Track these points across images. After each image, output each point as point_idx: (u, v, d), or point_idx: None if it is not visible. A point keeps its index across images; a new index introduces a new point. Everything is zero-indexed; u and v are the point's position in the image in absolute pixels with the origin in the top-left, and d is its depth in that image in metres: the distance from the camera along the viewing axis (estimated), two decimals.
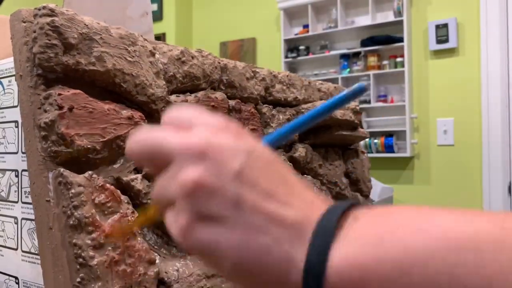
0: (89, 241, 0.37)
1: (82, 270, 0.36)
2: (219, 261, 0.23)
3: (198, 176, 0.23)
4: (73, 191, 0.37)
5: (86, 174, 0.38)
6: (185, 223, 0.23)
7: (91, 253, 0.36)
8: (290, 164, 0.70)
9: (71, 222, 0.37)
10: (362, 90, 0.31)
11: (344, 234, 0.22)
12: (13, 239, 0.48)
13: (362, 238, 0.22)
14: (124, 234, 0.41)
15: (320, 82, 0.85)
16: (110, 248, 0.38)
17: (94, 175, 0.39)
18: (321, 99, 0.82)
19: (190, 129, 0.25)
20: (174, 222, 0.24)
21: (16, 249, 0.48)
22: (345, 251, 0.21)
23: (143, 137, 0.26)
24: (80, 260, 0.36)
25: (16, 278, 0.48)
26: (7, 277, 0.49)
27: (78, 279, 0.36)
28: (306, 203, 0.24)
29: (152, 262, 0.41)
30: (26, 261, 0.47)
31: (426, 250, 0.20)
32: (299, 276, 0.22)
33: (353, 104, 0.87)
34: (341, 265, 0.21)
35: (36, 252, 0.45)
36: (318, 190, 0.75)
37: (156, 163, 0.25)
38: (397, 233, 0.21)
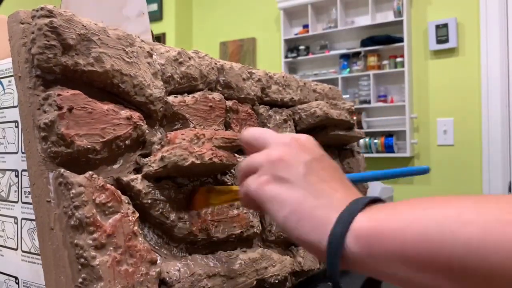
0: (90, 241, 0.37)
1: (84, 271, 0.36)
2: (279, 207, 0.32)
3: (282, 153, 0.34)
4: (73, 191, 0.37)
5: (87, 174, 0.39)
6: (264, 180, 0.33)
7: (93, 253, 0.36)
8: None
9: (72, 223, 0.37)
10: (426, 171, 0.47)
11: (366, 211, 0.30)
12: (13, 239, 0.48)
13: (379, 210, 0.29)
14: (206, 207, 0.49)
15: (315, 83, 0.86)
16: (111, 248, 0.38)
17: (95, 175, 0.39)
18: (316, 100, 0.82)
19: (283, 134, 0.37)
20: (255, 179, 0.34)
21: (16, 249, 0.48)
22: (365, 216, 0.29)
23: (255, 130, 0.38)
24: (82, 260, 0.36)
25: (16, 278, 0.48)
26: (7, 277, 0.49)
27: (80, 280, 0.36)
28: (349, 192, 0.33)
29: (153, 262, 0.41)
30: (26, 261, 0.47)
31: (425, 215, 0.27)
32: (327, 233, 0.29)
33: (348, 104, 0.88)
34: (361, 224, 0.29)
35: (36, 252, 0.45)
36: None
37: (255, 147, 0.37)
38: (407, 206, 0.29)
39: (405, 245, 0.26)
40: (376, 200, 0.31)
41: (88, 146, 0.39)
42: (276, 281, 0.57)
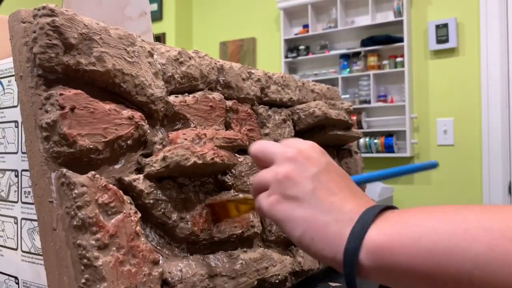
0: (93, 242, 0.36)
1: (87, 271, 0.36)
2: (293, 227, 0.33)
3: (288, 171, 0.34)
4: (76, 191, 0.37)
5: (89, 174, 0.38)
6: (274, 199, 0.34)
7: (96, 253, 0.36)
8: None
9: (75, 223, 0.36)
10: (435, 166, 0.47)
11: (377, 223, 0.30)
12: (13, 239, 0.48)
13: (390, 223, 0.30)
14: (228, 218, 0.51)
15: (313, 83, 0.86)
16: (114, 248, 0.38)
17: (97, 175, 0.39)
18: (314, 100, 0.82)
19: (289, 146, 0.37)
20: (265, 198, 0.35)
21: (16, 249, 0.48)
22: (377, 230, 0.30)
23: (261, 145, 0.39)
24: (85, 260, 0.36)
25: (16, 278, 0.48)
26: (7, 277, 0.49)
27: (83, 280, 0.36)
28: (359, 202, 0.33)
29: (156, 263, 0.41)
30: (26, 261, 0.47)
31: (435, 229, 0.28)
32: (341, 249, 0.30)
33: (346, 104, 0.88)
34: (372, 238, 0.30)
35: (36, 252, 0.45)
36: None
37: (263, 163, 0.38)
38: (416, 219, 0.29)
39: (415, 260, 0.27)
40: (385, 208, 0.32)
41: (91, 146, 0.39)
42: (277, 281, 0.57)
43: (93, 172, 0.39)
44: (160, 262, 0.42)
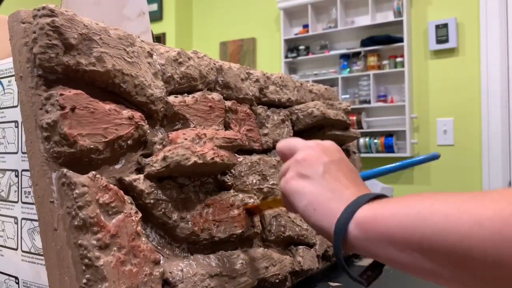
0: (94, 242, 0.36)
1: (88, 271, 0.36)
2: (300, 198, 0.40)
3: (306, 155, 0.42)
4: (77, 191, 0.37)
5: (90, 174, 0.38)
6: (290, 176, 0.41)
7: (97, 253, 0.36)
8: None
9: (76, 223, 0.36)
10: (436, 157, 0.50)
11: (369, 203, 0.36)
12: (13, 239, 0.48)
13: (378, 203, 0.36)
14: (260, 210, 0.57)
15: (312, 83, 0.86)
16: (115, 248, 0.38)
17: (98, 175, 0.39)
18: (312, 100, 0.82)
19: (310, 141, 0.44)
20: (284, 178, 0.42)
21: (16, 249, 0.48)
22: (367, 207, 0.36)
23: (287, 140, 0.46)
24: (86, 261, 0.36)
25: (16, 278, 0.48)
26: (7, 277, 0.49)
27: (84, 280, 0.36)
28: (359, 189, 0.39)
29: (157, 262, 0.41)
30: (26, 261, 0.47)
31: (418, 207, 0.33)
32: (335, 221, 0.36)
33: (344, 104, 0.88)
34: (362, 212, 0.35)
35: (36, 252, 0.45)
36: None
37: (288, 156, 0.44)
38: (399, 200, 0.35)
39: (391, 229, 0.33)
40: (381, 196, 0.37)
41: (91, 146, 0.39)
42: (277, 281, 0.57)
43: (93, 172, 0.39)
44: (161, 262, 0.42)
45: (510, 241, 0.27)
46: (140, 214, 0.42)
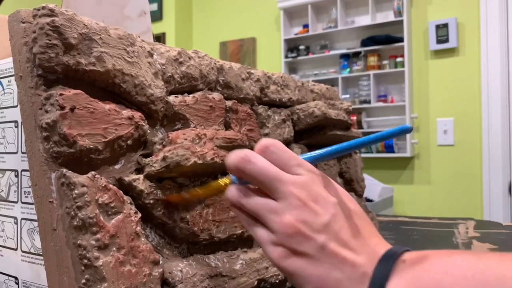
0: (93, 242, 0.36)
1: (87, 271, 0.36)
2: (304, 282, 0.32)
3: (297, 222, 0.32)
4: (76, 191, 0.37)
5: (89, 175, 0.38)
6: (283, 252, 0.32)
7: (96, 253, 0.36)
8: None
9: (75, 223, 0.36)
10: (408, 130, 0.38)
11: (395, 277, 0.29)
12: (13, 239, 0.48)
13: (407, 276, 0.29)
14: (190, 200, 0.46)
15: (313, 83, 0.86)
16: (114, 248, 0.38)
17: (97, 176, 0.39)
18: (314, 100, 0.82)
19: (291, 170, 0.34)
20: (271, 247, 0.33)
21: (15, 249, 0.48)
22: (396, 281, 0.29)
23: (264, 167, 0.34)
24: (85, 261, 0.36)
25: (15, 278, 0.48)
26: (7, 277, 0.49)
27: (84, 280, 0.36)
28: (371, 250, 0.32)
29: (156, 263, 0.41)
30: (25, 261, 0.46)
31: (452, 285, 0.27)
32: None
33: (345, 104, 0.88)
34: None
35: (36, 252, 0.45)
36: None
37: (263, 186, 0.34)
38: (434, 275, 0.28)
39: None
40: (402, 251, 0.31)
41: (91, 146, 0.39)
42: (277, 281, 0.57)
43: (93, 172, 0.39)
44: (160, 262, 0.42)
45: None
46: (139, 214, 0.42)
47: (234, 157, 0.35)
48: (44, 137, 0.38)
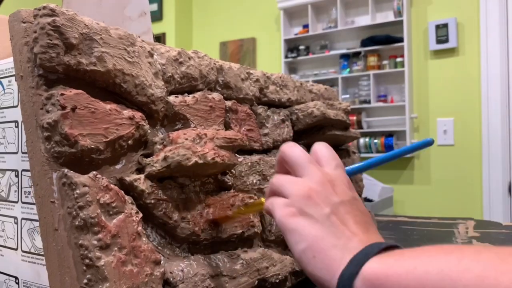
0: (95, 242, 0.36)
1: (89, 271, 0.36)
2: (298, 240, 0.34)
3: (313, 191, 0.36)
4: (78, 191, 0.37)
5: (91, 174, 0.38)
6: (290, 212, 0.36)
7: (98, 253, 0.36)
8: None
9: (77, 223, 0.36)
10: (430, 143, 0.45)
11: (379, 256, 0.31)
12: (13, 239, 0.48)
13: (390, 256, 0.31)
14: (237, 217, 0.52)
15: (311, 83, 0.86)
16: (116, 248, 0.38)
17: (99, 175, 0.39)
18: (312, 100, 0.82)
19: (321, 166, 0.39)
20: (282, 207, 0.36)
21: (16, 249, 0.48)
22: (377, 260, 0.31)
23: (296, 152, 0.39)
24: (87, 261, 0.36)
25: (16, 278, 0.48)
26: (7, 277, 0.49)
27: (85, 280, 0.36)
28: (369, 237, 0.34)
29: (157, 263, 0.41)
30: (26, 261, 0.47)
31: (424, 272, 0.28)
32: (338, 273, 0.32)
33: (344, 104, 0.88)
34: (371, 265, 0.31)
35: (36, 252, 0.45)
36: None
37: (289, 167, 0.39)
38: (414, 252, 0.30)
39: None
40: (392, 246, 0.33)
41: (92, 146, 0.39)
42: (277, 281, 0.57)
43: (94, 172, 0.39)
44: (162, 262, 0.42)
45: None
46: (140, 214, 0.42)
47: (283, 146, 0.41)
48: (45, 137, 0.38)
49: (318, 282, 0.34)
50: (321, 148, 0.41)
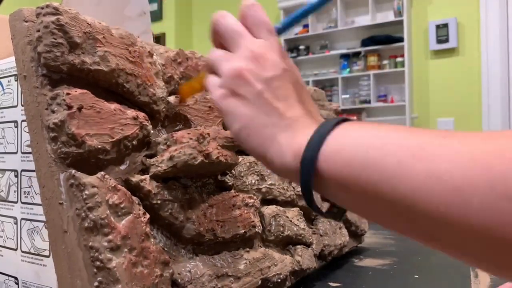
0: (105, 243, 0.36)
1: (100, 273, 0.35)
2: (233, 120, 0.35)
3: (243, 70, 0.35)
4: (86, 192, 0.36)
5: (99, 175, 0.38)
6: (223, 94, 0.36)
7: (109, 255, 0.35)
8: None
9: (86, 225, 0.36)
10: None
11: (337, 132, 0.30)
12: (13, 239, 0.48)
13: (346, 138, 0.30)
14: (190, 94, 0.50)
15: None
16: (126, 250, 0.37)
17: (107, 176, 0.38)
18: None
19: (259, 33, 0.38)
20: (216, 88, 0.37)
21: (15, 250, 0.48)
22: (334, 142, 0.30)
23: (231, 23, 0.40)
24: (98, 263, 0.35)
25: (15, 278, 0.48)
26: (7, 277, 0.49)
27: (96, 283, 0.35)
28: (304, 110, 0.34)
29: (166, 263, 0.41)
30: (25, 261, 0.46)
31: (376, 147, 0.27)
32: (293, 154, 0.32)
33: (334, 105, 0.90)
34: (329, 148, 0.30)
35: (36, 252, 0.45)
36: None
37: (223, 40, 0.39)
38: (367, 137, 0.29)
39: (341, 171, 0.28)
40: (342, 120, 0.32)
41: (99, 146, 0.39)
42: (279, 280, 0.56)
43: (102, 173, 0.38)
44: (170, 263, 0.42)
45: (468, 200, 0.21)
46: (148, 215, 0.41)
47: (215, 15, 0.40)
48: (52, 138, 0.37)
49: (257, 158, 0.36)
50: (251, 13, 0.40)
